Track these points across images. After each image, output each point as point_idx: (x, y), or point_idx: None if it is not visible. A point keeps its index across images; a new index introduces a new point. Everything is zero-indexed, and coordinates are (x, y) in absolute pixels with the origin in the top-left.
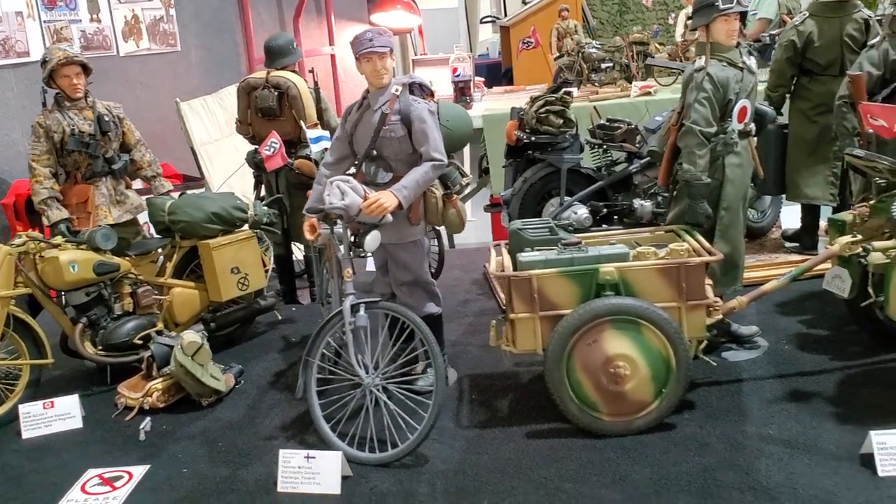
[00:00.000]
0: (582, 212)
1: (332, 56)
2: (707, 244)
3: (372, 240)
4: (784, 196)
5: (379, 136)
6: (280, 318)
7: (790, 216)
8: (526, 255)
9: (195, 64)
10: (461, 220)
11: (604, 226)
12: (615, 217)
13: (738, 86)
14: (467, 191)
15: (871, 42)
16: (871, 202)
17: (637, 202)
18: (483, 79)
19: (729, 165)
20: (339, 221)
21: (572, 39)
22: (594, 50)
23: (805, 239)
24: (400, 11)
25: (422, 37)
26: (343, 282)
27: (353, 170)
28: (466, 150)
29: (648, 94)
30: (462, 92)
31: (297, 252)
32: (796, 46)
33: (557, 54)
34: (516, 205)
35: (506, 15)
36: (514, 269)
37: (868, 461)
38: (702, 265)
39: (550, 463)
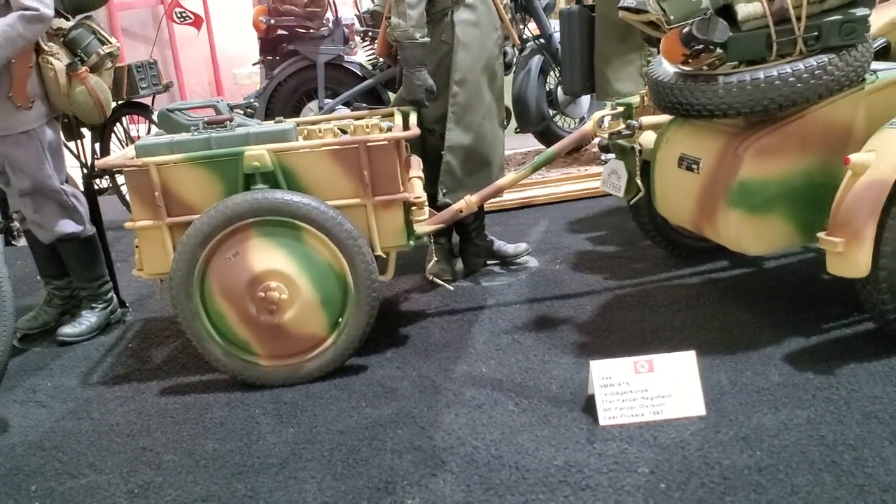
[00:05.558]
0: None
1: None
2: (413, 123)
3: None
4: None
5: None
6: None
7: None
8: (147, 139)
9: None
10: (97, 103)
11: None
12: None
13: None
14: None
15: None
16: None
17: None
18: None
19: (460, 23)
20: None
21: None
22: None
23: None
24: None
25: None
26: None
27: None
28: None
29: None
30: None
31: None
32: None
33: None
34: (262, 109)
35: None
36: None
37: (593, 404)
38: (392, 147)
39: (166, 428)
